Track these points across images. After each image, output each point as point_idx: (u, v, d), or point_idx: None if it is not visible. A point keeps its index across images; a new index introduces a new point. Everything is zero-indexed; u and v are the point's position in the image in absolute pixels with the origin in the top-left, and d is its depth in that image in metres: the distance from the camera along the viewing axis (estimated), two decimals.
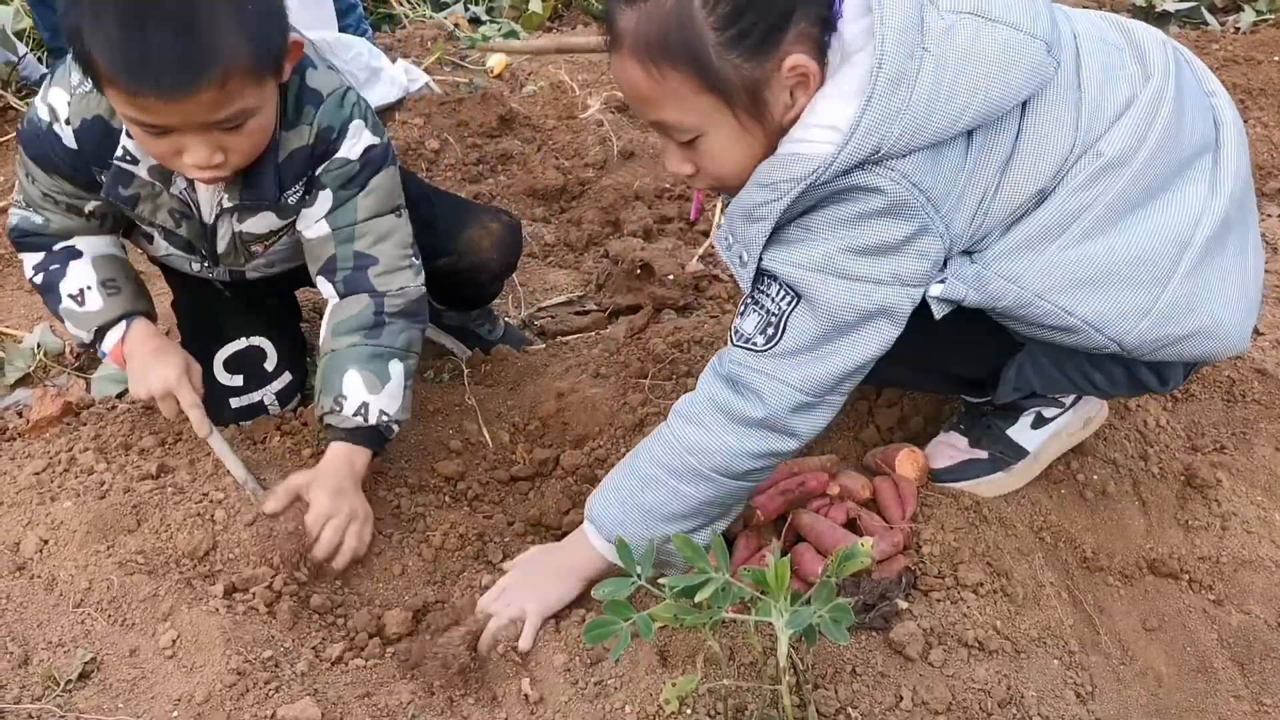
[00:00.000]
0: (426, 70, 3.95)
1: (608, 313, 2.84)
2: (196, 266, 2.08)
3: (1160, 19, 4.53)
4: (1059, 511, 1.88)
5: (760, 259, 1.56)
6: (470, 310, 2.49)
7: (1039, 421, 1.92)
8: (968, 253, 1.58)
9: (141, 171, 1.83)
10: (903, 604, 1.64)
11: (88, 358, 2.54)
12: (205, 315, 2.21)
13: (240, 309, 2.16)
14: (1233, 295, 1.63)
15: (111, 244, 2.01)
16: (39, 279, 1.98)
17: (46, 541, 1.79)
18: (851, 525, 1.77)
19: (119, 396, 2.40)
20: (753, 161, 1.54)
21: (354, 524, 1.82)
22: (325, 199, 1.89)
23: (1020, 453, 1.92)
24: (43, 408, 2.34)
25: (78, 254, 1.96)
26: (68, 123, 1.78)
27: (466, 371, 2.41)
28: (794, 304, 1.53)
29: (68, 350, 2.55)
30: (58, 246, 1.96)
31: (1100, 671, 1.66)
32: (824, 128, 1.46)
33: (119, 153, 1.80)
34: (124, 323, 1.97)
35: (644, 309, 2.77)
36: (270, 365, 2.15)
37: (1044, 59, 1.48)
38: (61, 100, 1.78)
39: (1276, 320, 2.39)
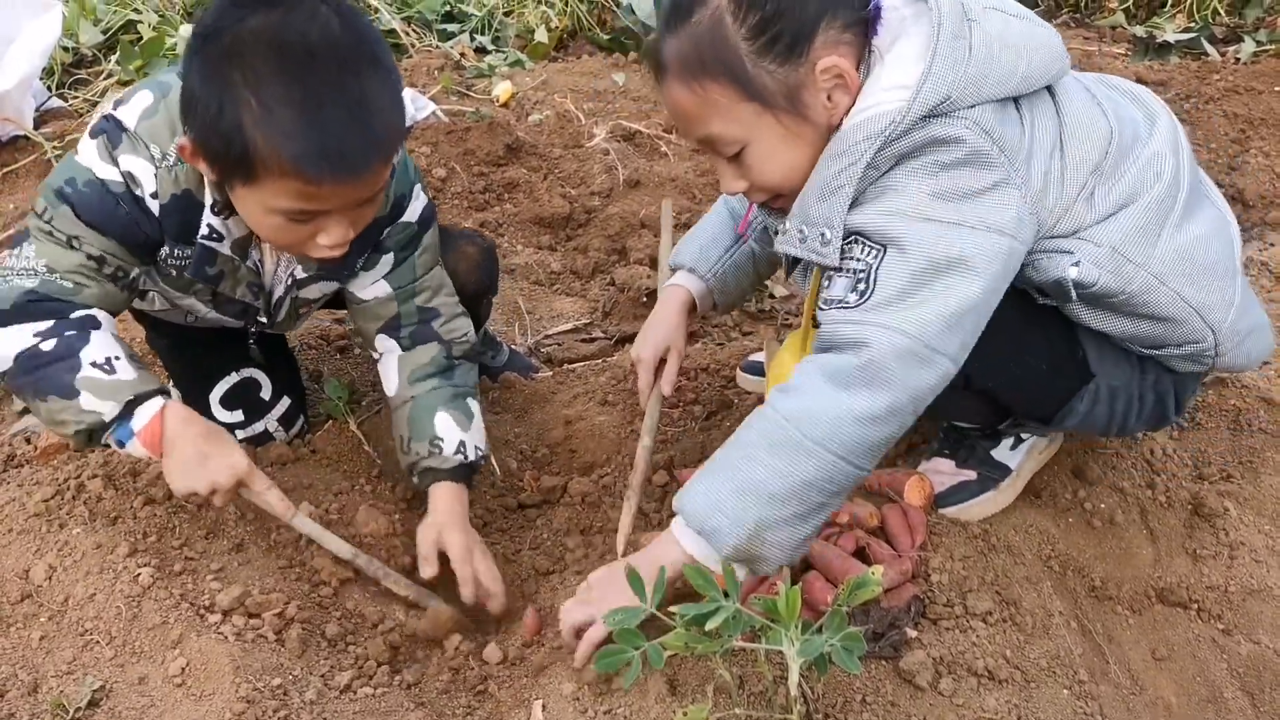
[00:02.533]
0: (433, 99, 3.98)
1: (614, 340, 2.85)
2: (233, 323, 2.03)
3: (1161, 50, 4.56)
4: (1067, 540, 1.88)
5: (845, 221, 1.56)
6: None
7: (1016, 441, 1.96)
8: (1070, 236, 1.62)
9: (225, 248, 1.79)
10: (912, 633, 1.63)
11: None
12: (190, 356, 2.18)
13: (224, 344, 2.13)
14: (1256, 299, 1.82)
15: (115, 322, 1.83)
16: (48, 345, 1.70)
17: (55, 569, 1.79)
18: (860, 553, 1.77)
19: None
20: (802, 163, 1.60)
21: (486, 557, 1.91)
22: (386, 262, 1.94)
23: (1005, 471, 1.95)
24: (51, 435, 2.34)
25: (98, 324, 1.76)
26: (154, 196, 1.70)
27: None
28: (882, 255, 1.52)
29: None
30: (75, 314, 1.74)
31: (1110, 701, 1.65)
32: (891, 89, 1.52)
33: (205, 231, 1.75)
34: (161, 397, 1.76)
35: None
36: (267, 394, 2.16)
37: (1061, 49, 1.62)
38: (145, 171, 1.69)
39: None
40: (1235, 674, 1.77)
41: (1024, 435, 1.97)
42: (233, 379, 2.13)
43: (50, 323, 1.72)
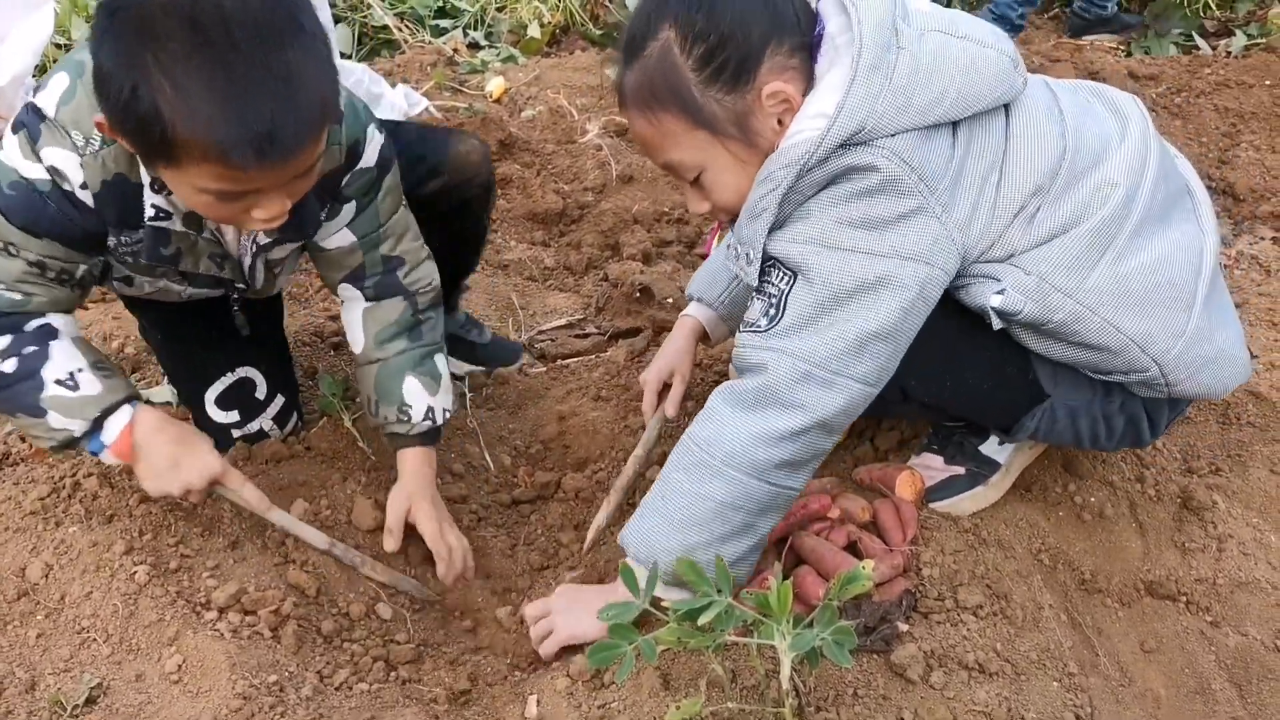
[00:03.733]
0: (425, 95, 3.99)
1: (607, 336, 2.86)
2: (205, 293, 1.98)
3: (1157, 38, 4.59)
4: (1057, 534, 1.89)
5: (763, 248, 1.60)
6: (465, 269, 2.39)
7: (1004, 436, 1.98)
8: (1003, 262, 1.62)
9: (176, 225, 1.72)
10: (903, 626, 1.65)
11: None
12: (184, 354, 2.15)
13: (221, 341, 2.09)
14: (1233, 323, 1.75)
15: (75, 323, 1.80)
16: (9, 365, 1.68)
17: (52, 567, 1.79)
18: (852, 548, 1.78)
19: None
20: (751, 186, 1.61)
21: (453, 529, 1.96)
22: (349, 210, 1.87)
23: (994, 466, 1.96)
24: None
25: (55, 333, 1.72)
26: (84, 187, 1.61)
27: (468, 395, 2.43)
28: (792, 281, 1.57)
29: None
30: (30, 326, 1.70)
31: (1099, 693, 1.67)
32: (813, 116, 1.54)
33: (150, 212, 1.68)
34: (129, 406, 1.75)
35: (643, 332, 2.79)
36: (261, 393, 2.15)
37: (1009, 69, 1.59)
38: (69, 162, 1.59)
39: (1269, 343, 2.42)
40: (1223, 666, 1.79)
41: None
42: (228, 379, 2.11)
43: (7, 339, 1.69)
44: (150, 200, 1.67)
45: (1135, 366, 1.68)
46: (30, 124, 1.60)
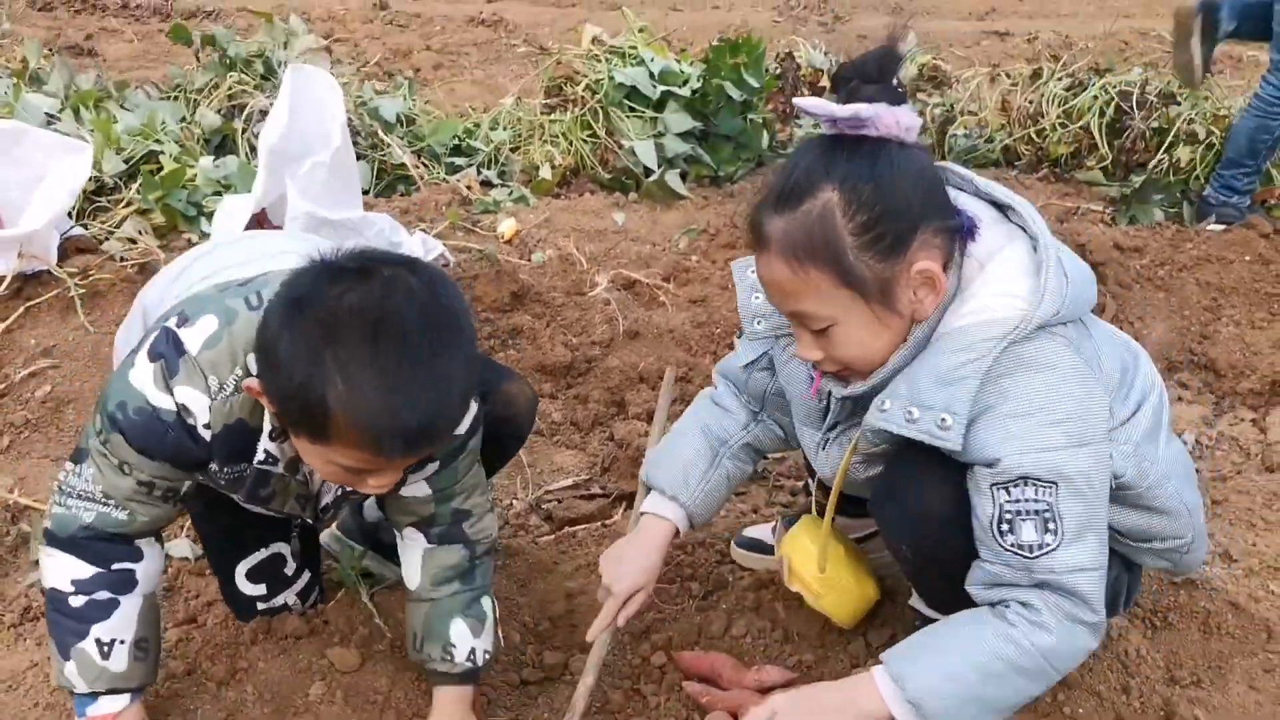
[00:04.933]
0: (440, 234, 4.13)
1: (611, 498, 2.95)
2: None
3: (1140, 203, 4.76)
4: None
5: (1001, 460, 1.69)
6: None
7: None
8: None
9: (279, 469, 1.86)
10: None
11: None
12: (222, 525, 2.21)
13: (259, 520, 2.14)
14: None
15: (157, 574, 1.95)
16: (77, 601, 1.83)
17: None
18: None
19: None
20: (881, 348, 1.77)
21: None
22: (431, 467, 1.96)
23: None
24: None
25: (132, 585, 1.87)
26: (207, 427, 1.74)
27: None
28: (1054, 491, 1.68)
29: None
30: (117, 565, 1.85)
31: None
32: (1003, 295, 1.71)
33: (261, 457, 1.82)
34: (128, 697, 1.89)
35: None
36: (290, 570, 2.22)
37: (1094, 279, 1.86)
38: (199, 403, 1.72)
39: (1248, 547, 2.52)
40: None
41: None
42: (261, 555, 2.19)
43: (91, 572, 1.84)
44: (264, 446, 1.81)
45: (1179, 533, 1.94)
46: (169, 357, 1.72)
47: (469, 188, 4.66)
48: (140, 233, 3.92)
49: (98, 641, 1.83)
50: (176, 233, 4.03)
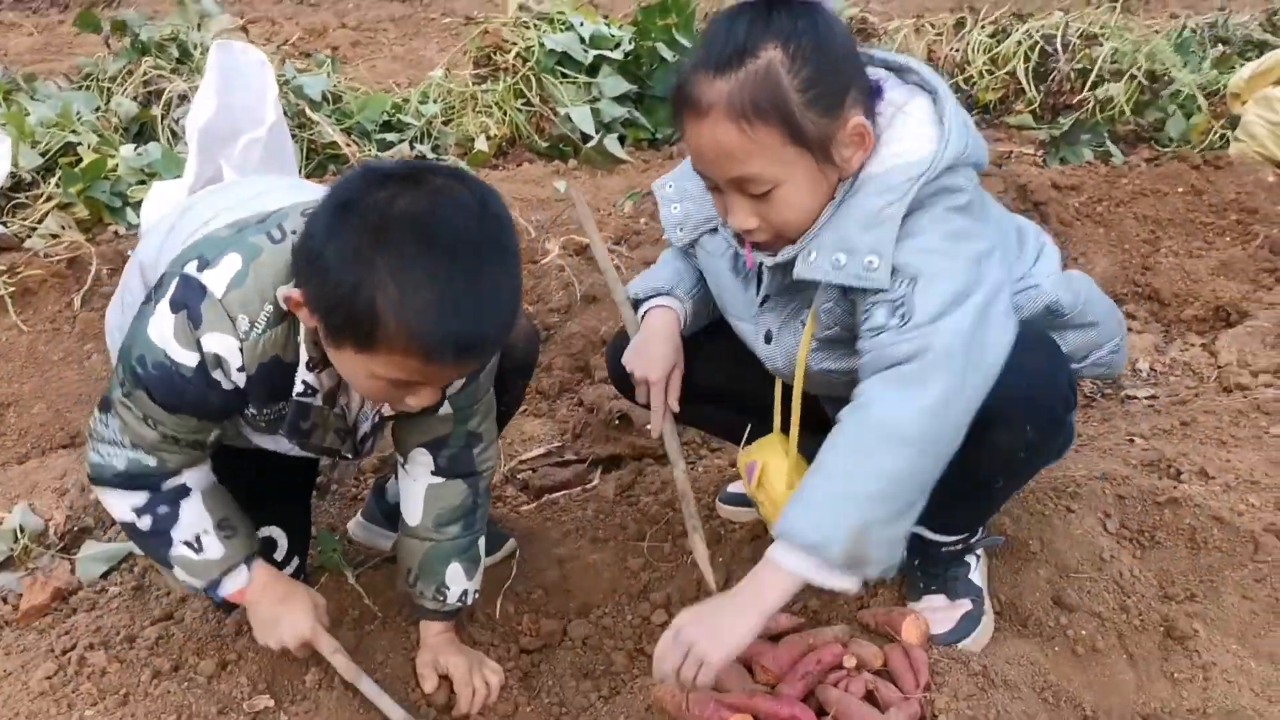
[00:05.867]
0: None
1: (587, 463, 2.90)
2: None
3: (1069, 145, 4.84)
4: (1056, 670, 1.98)
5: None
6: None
7: (976, 561, 2.13)
8: (1022, 280, 1.97)
9: (318, 401, 1.80)
10: None
11: (71, 537, 2.51)
12: None
13: (258, 499, 2.08)
14: None
15: (210, 472, 1.92)
16: (144, 522, 1.85)
17: None
18: (869, 696, 1.85)
19: (104, 576, 2.39)
20: (816, 207, 1.78)
21: (485, 671, 2.03)
22: (456, 384, 1.90)
23: (981, 592, 2.10)
24: (32, 595, 2.31)
25: (187, 492, 1.86)
26: (241, 370, 1.68)
27: None
28: (913, 285, 1.71)
29: (51, 530, 2.52)
30: (167, 485, 1.84)
31: None
32: (913, 139, 1.75)
33: (300, 388, 1.75)
34: (244, 566, 1.92)
35: (625, 460, 2.85)
36: (280, 554, 2.15)
37: None
38: (230, 347, 1.66)
39: (1222, 464, 2.57)
40: None
41: (976, 553, 2.13)
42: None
43: (145, 496, 1.84)
44: (302, 377, 1.74)
45: (1115, 333, 2.09)
46: (192, 305, 1.65)
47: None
48: (63, 228, 3.76)
49: (185, 543, 1.86)
50: (102, 225, 3.87)
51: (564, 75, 4.79)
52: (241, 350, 1.67)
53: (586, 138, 4.69)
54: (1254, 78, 4.64)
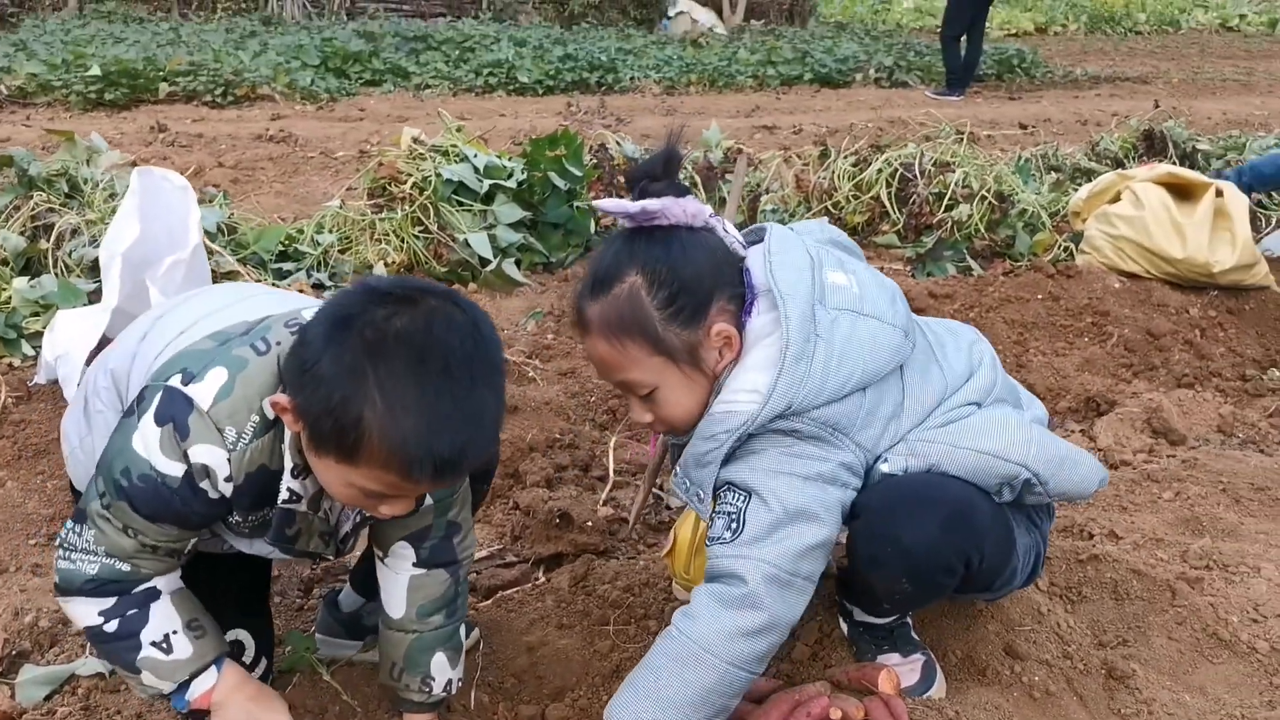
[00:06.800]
0: None
1: (530, 563, 2.94)
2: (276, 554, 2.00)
3: (934, 263, 5.24)
4: (1019, 714, 2.11)
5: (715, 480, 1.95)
6: None
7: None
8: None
9: (302, 507, 1.82)
10: None
11: (9, 662, 2.39)
12: None
13: (223, 605, 2.05)
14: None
15: (178, 577, 1.91)
16: (111, 626, 1.82)
17: None
18: None
19: (47, 699, 2.29)
20: (697, 405, 1.98)
21: None
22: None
23: (924, 646, 2.26)
24: None
25: (156, 594, 1.84)
26: (229, 479, 1.71)
27: None
28: (748, 501, 1.90)
29: None
30: (137, 589, 1.83)
31: None
32: (747, 391, 1.92)
33: (285, 496, 1.77)
34: (214, 667, 1.89)
35: (567, 556, 2.90)
36: (249, 658, 2.11)
37: (902, 342, 1.98)
38: (218, 458, 1.68)
39: (1132, 525, 2.80)
40: None
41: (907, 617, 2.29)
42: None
43: (113, 600, 1.82)
44: (287, 484, 1.76)
45: (1088, 469, 2.06)
46: (179, 418, 1.67)
47: (301, 291, 4.57)
48: None
49: (153, 644, 1.83)
50: None
51: (460, 203, 4.94)
52: (230, 460, 1.70)
53: (485, 262, 4.82)
54: (1091, 198, 5.16)
